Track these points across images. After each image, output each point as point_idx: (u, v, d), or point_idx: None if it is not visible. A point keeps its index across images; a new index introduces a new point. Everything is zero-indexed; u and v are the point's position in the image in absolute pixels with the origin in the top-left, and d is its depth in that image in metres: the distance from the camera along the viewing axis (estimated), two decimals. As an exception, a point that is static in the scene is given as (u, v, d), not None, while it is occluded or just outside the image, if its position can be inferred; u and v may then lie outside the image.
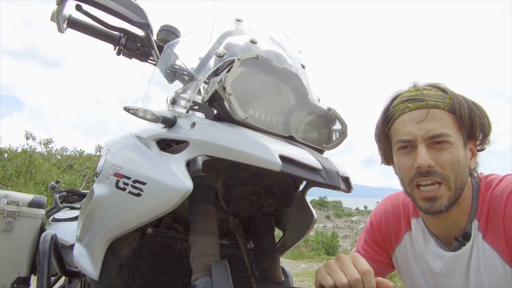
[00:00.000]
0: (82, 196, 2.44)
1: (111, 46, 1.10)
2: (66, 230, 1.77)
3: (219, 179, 0.80)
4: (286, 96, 0.70)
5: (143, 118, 0.69)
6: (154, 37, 1.09)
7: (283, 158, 0.55)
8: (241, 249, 0.85)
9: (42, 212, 1.68)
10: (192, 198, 0.68)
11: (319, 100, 0.78)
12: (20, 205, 1.59)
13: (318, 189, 0.78)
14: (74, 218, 1.94)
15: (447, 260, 0.99)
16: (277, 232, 0.91)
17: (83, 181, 9.68)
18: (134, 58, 1.14)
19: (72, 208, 2.32)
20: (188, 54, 0.81)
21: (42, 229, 1.66)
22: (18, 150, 10.22)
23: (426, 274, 1.06)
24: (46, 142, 11.30)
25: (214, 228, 0.69)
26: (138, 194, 0.65)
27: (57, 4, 0.88)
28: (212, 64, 0.73)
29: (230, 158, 0.58)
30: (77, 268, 0.99)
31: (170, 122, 0.71)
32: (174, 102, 0.74)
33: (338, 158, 0.78)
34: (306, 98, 0.72)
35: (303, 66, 0.80)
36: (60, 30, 0.97)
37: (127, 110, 0.71)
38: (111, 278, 0.75)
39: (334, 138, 0.75)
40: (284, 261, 8.64)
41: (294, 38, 0.86)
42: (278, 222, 0.94)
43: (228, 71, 0.62)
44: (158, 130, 0.74)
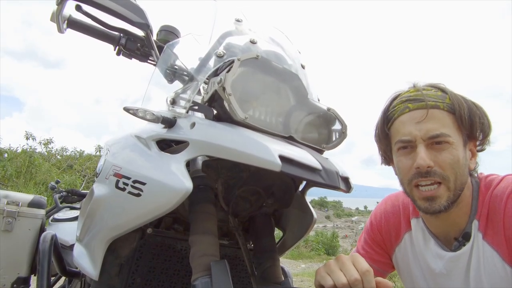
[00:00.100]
0: (82, 196, 2.44)
1: (111, 46, 1.10)
2: (66, 230, 1.77)
3: (219, 179, 0.80)
4: (286, 96, 0.70)
5: (143, 118, 0.69)
6: (154, 37, 1.09)
7: (283, 158, 0.55)
8: (241, 249, 0.85)
9: (42, 212, 1.68)
10: (192, 198, 0.68)
11: (319, 100, 0.78)
12: (20, 205, 1.59)
13: (318, 189, 0.78)
14: (74, 218, 1.94)
15: (447, 260, 0.99)
16: (277, 232, 0.91)
17: (83, 181, 9.68)
18: (134, 58, 1.14)
19: (72, 208, 2.32)
20: (188, 54, 0.81)
21: (42, 229, 1.65)
22: (18, 150, 10.22)
23: (426, 274, 1.06)
24: (46, 142, 11.30)
25: (214, 228, 0.69)
26: (138, 194, 0.65)
27: (57, 4, 0.88)
28: (212, 64, 0.73)
29: (230, 158, 0.58)
30: (77, 268, 0.99)
31: (170, 122, 0.71)
32: (174, 102, 0.74)
33: (338, 158, 0.78)
34: (306, 98, 0.72)
35: (303, 66, 0.80)
36: (60, 30, 0.97)
37: (127, 110, 0.71)
38: (111, 278, 0.75)
39: (334, 138, 0.75)
40: (284, 261, 8.63)
41: (294, 38, 0.86)
42: (278, 222, 0.94)
43: (228, 71, 0.62)
44: (158, 130, 0.74)
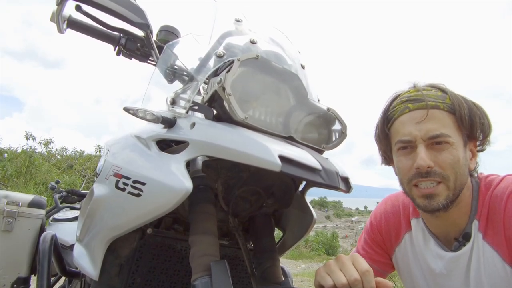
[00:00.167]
0: (82, 196, 2.44)
1: (111, 46, 1.10)
2: (66, 230, 1.77)
3: (219, 180, 0.80)
4: (285, 96, 0.70)
5: (143, 118, 0.69)
6: (154, 37, 1.09)
7: (283, 159, 0.55)
8: (241, 249, 0.85)
9: (42, 212, 1.68)
10: (192, 199, 0.68)
11: (319, 100, 0.78)
12: (20, 205, 1.59)
13: (318, 189, 0.78)
14: (74, 219, 1.94)
15: (447, 260, 0.99)
16: (277, 232, 0.91)
17: (83, 181, 9.67)
18: (134, 59, 1.14)
19: (72, 208, 2.32)
20: (187, 54, 0.81)
21: (42, 229, 1.65)
22: (18, 150, 10.22)
23: (426, 275, 1.06)
24: (46, 142, 11.30)
25: (214, 228, 0.69)
26: (138, 195, 0.65)
27: (57, 4, 0.88)
28: (211, 64, 0.73)
29: (230, 158, 0.58)
30: (77, 268, 0.99)
31: (170, 123, 0.71)
32: (173, 102, 0.74)
33: (338, 158, 0.78)
34: (306, 99, 0.72)
35: (303, 67, 0.80)
36: (60, 30, 0.97)
37: (127, 110, 0.71)
38: (111, 278, 0.75)
39: (334, 139, 0.75)
40: (284, 261, 8.63)
41: (293, 39, 0.86)
42: (278, 222, 0.94)
43: (227, 72, 0.62)
44: (158, 130, 0.74)
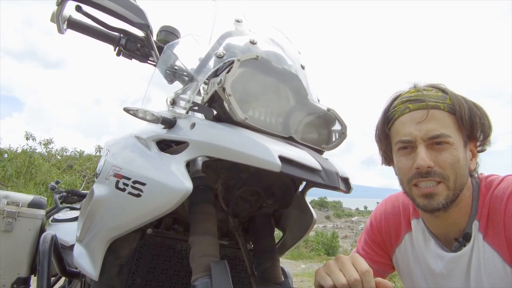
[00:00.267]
0: (82, 196, 2.44)
1: (111, 46, 1.10)
2: (66, 231, 1.77)
3: (219, 180, 0.80)
4: (285, 96, 0.70)
5: (143, 118, 0.69)
6: (154, 37, 1.09)
7: (283, 159, 0.55)
8: (241, 249, 0.85)
9: (42, 212, 1.67)
10: (192, 199, 0.68)
11: (319, 100, 0.78)
12: (20, 205, 1.59)
13: (318, 189, 0.78)
14: (74, 219, 1.94)
15: (448, 260, 0.99)
16: (277, 232, 0.91)
17: (83, 181, 9.68)
18: (134, 59, 1.14)
19: (72, 208, 2.32)
20: (187, 54, 0.81)
21: (42, 229, 1.65)
22: (18, 151, 10.22)
23: (426, 275, 1.06)
24: (46, 142, 11.30)
25: (214, 228, 0.69)
26: (138, 195, 0.65)
27: (57, 5, 0.88)
28: (211, 65, 0.73)
29: (230, 158, 0.58)
30: (77, 268, 0.99)
31: (170, 123, 0.71)
32: (174, 102, 0.74)
33: (338, 158, 0.78)
34: (306, 99, 0.72)
35: (303, 67, 0.80)
36: (60, 31, 0.97)
37: (127, 110, 0.71)
38: (111, 278, 0.75)
39: (334, 139, 0.75)
40: (284, 261, 8.63)
41: (293, 39, 0.86)
42: (277, 223, 0.94)
43: (227, 72, 0.62)
44: (158, 130, 0.74)
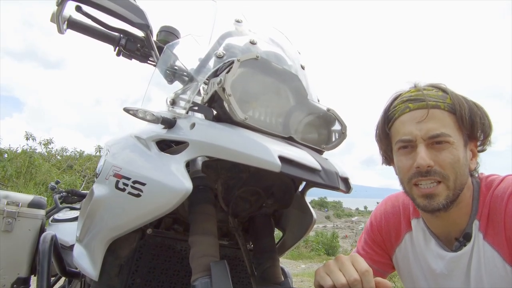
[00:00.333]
0: (82, 196, 2.44)
1: (111, 47, 1.10)
2: (66, 231, 1.77)
3: (219, 180, 0.80)
4: (285, 97, 0.70)
5: (143, 119, 0.69)
6: (154, 38, 1.09)
7: (283, 159, 0.55)
8: (240, 249, 0.85)
9: (42, 212, 1.67)
10: (191, 199, 0.68)
11: (319, 100, 0.78)
12: (20, 205, 1.59)
13: (318, 189, 0.78)
14: (74, 219, 1.94)
15: (448, 260, 0.99)
16: (276, 232, 0.91)
17: (83, 181, 9.68)
18: (134, 59, 1.14)
19: (72, 208, 2.32)
20: (187, 55, 0.81)
21: (42, 229, 1.65)
22: (18, 151, 10.22)
23: (426, 275, 1.06)
24: (46, 142, 11.30)
25: (213, 228, 0.69)
26: (138, 195, 0.65)
27: (57, 5, 0.88)
28: (211, 65, 0.73)
29: (230, 159, 0.58)
30: (77, 268, 0.99)
31: (169, 123, 0.71)
32: (173, 103, 0.74)
33: (338, 158, 0.78)
34: (306, 99, 0.72)
35: (303, 67, 0.80)
36: (60, 31, 0.97)
37: (127, 111, 0.71)
38: (111, 278, 0.75)
39: (334, 139, 0.75)
40: (284, 261, 8.63)
41: (293, 39, 0.86)
42: (277, 223, 0.94)
43: (227, 72, 0.62)
44: (158, 131, 0.74)
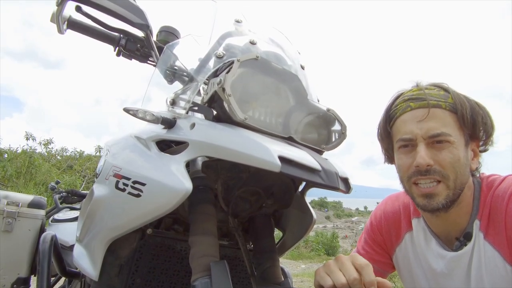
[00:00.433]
0: (82, 196, 2.44)
1: (111, 47, 1.10)
2: (66, 231, 1.77)
3: (219, 180, 0.80)
4: (285, 97, 0.70)
5: (143, 119, 0.69)
6: (154, 38, 1.09)
7: (283, 159, 0.55)
8: (240, 249, 0.85)
9: (42, 212, 1.67)
10: (191, 199, 0.68)
11: (319, 101, 0.78)
12: (20, 205, 1.59)
13: (318, 189, 0.78)
14: (74, 219, 1.94)
15: (449, 260, 0.99)
16: (276, 232, 0.91)
17: (83, 181, 9.68)
18: (134, 59, 1.14)
19: (72, 208, 2.32)
20: (187, 55, 0.81)
21: (42, 229, 1.65)
22: (18, 151, 10.23)
23: (427, 274, 1.06)
24: (46, 142, 11.31)
25: (213, 228, 0.69)
26: (138, 195, 0.65)
27: (57, 5, 0.88)
28: (211, 65, 0.73)
29: (230, 159, 0.58)
30: (77, 268, 0.99)
31: (169, 123, 0.71)
32: (173, 103, 0.74)
33: (338, 158, 0.78)
34: (306, 99, 0.72)
35: (303, 67, 0.80)
36: (60, 31, 0.97)
37: (127, 111, 0.71)
38: (111, 278, 0.75)
39: (334, 139, 0.75)
40: (284, 261, 8.63)
41: (293, 39, 0.86)
42: (277, 223, 0.94)
43: (227, 72, 0.62)
44: (158, 131, 0.74)
